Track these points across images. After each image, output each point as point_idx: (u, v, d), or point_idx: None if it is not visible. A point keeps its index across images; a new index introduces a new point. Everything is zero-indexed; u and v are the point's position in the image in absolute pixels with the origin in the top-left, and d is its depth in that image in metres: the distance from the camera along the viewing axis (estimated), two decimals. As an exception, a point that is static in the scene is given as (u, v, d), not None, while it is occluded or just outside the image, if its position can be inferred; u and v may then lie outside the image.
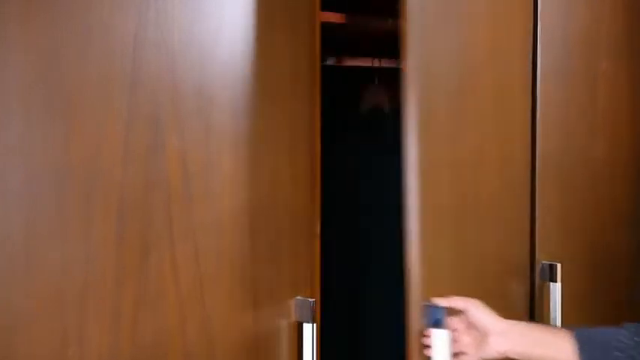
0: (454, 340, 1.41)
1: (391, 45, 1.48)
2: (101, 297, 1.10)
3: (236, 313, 1.27)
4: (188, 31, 1.19)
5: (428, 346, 1.39)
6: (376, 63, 2.00)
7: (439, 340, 1.37)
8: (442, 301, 1.40)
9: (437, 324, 1.38)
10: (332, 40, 1.94)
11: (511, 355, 1.41)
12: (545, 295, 1.79)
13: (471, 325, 1.41)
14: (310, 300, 1.34)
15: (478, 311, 1.40)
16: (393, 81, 2.07)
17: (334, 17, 1.56)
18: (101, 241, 1.10)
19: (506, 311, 1.42)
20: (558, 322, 1.79)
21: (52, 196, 1.05)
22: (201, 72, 1.21)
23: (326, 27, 1.46)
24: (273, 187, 1.31)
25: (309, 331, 1.33)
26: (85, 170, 1.08)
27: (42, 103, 1.04)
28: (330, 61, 1.97)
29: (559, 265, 1.79)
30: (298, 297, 1.35)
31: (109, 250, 1.11)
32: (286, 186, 1.33)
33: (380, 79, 2.04)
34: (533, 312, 1.79)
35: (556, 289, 1.78)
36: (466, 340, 1.42)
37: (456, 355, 1.41)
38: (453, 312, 1.40)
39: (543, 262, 1.79)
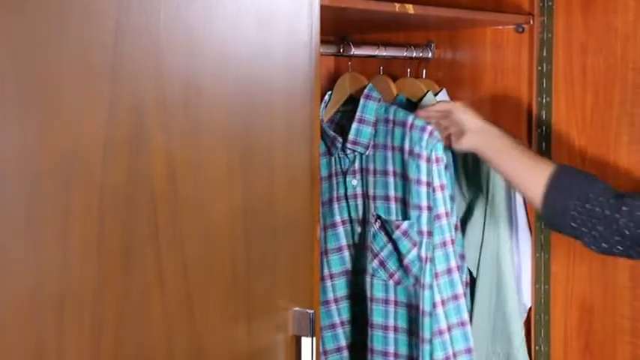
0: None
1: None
2: (80, 308, 1.09)
3: (228, 326, 1.26)
4: (175, 15, 1.18)
5: None
6: (381, 51, 2.00)
7: None
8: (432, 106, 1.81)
9: None
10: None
11: (481, 154, 1.71)
12: None
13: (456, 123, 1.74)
14: (309, 311, 1.34)
15: (460, 112, 1.74)
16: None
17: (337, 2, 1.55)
18: (80, 248, 1.09)
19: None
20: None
21: (26, 198, 1.04)
22: (190, 60, 1.20)
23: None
24: (268, 189, 1.31)
25: (308, 345, 1.33)
26: (61, 170, 1.07)
27: (14, 95, 1.03)
28: (331, 50, 1.96)
29: None
30: (296, 308, 1.34)
31: (88, 258, 1.10)
32: (283, 188, 1.33)
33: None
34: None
35: None
36: (446, 134, 1.76)
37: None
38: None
39: None
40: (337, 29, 2.05)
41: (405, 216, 1.79)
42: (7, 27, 1.02)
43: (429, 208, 1.76)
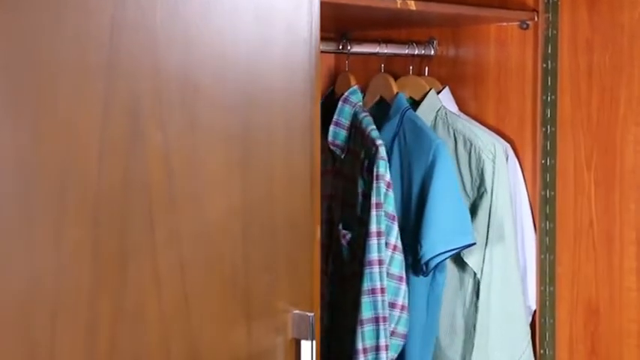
0: None
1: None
2: (74, 311, 1.09)
3: (226, 329, 1.26)
4: (172, 11, 1.17)
5: None
6: (383, 49, 2.00)
7: None
8: None
9: None
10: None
11: None
12: None
13: None
14: (309, 314, 1.33)
15: None
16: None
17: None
18: (74, 249, 1.08)
19: None
20: None
21: (19, 198, 1.04)
22: (187, 58, 1.20)
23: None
24: (267, 188, 1.30)
25: (307, 348, 1.32)
26: (56, 169, 1.07)
27: (9, 92, 1.02)
28: (332, 47, 1.96)
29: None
30: (296, 311, 1.34)
31: (83, 259, 1.09)
32: (282, 188, 1.32)
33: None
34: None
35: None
36: None
37: None
38: None
39: None
40: (337, 26, 2.05)
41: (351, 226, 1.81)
42: (2, 23, 1.02)
43: (363, 223, 1.77)
